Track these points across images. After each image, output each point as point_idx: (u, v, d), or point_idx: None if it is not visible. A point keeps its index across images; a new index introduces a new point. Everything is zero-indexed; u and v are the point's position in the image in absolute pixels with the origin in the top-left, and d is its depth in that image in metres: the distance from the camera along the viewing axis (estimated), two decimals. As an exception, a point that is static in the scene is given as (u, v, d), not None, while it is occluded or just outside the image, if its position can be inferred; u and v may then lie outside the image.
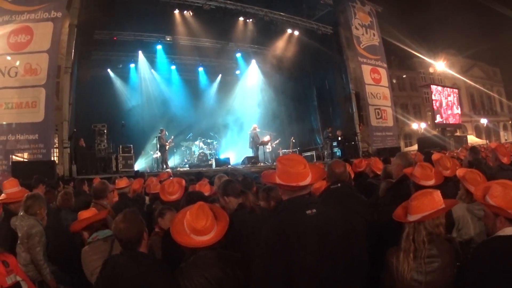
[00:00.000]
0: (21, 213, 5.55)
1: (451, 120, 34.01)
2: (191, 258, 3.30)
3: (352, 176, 7.21)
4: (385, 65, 27.96)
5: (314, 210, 3.03)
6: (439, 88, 35.09)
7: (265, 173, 4.33)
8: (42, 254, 5.37)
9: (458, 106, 35.53)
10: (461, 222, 4.52)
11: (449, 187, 5.20)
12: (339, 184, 4.56)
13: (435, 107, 32.12)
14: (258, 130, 24.49)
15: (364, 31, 26.82)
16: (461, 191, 4.78)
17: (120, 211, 4.04)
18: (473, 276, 3.03)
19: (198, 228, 3.26)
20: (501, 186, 3.25)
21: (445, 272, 3.19)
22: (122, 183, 7.55)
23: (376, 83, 26.49)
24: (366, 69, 26.06)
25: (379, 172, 7.36)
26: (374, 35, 27.57)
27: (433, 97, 32.60)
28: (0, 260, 3.75)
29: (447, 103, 33.46)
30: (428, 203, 3.30)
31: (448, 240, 3.42)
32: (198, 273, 3.20)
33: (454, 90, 36.78)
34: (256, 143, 24.07)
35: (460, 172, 4.99)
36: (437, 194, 3.39)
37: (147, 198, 8.14)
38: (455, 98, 35.10)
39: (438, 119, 31.98)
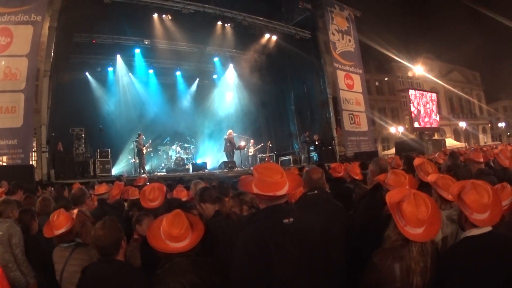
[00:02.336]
0: None
1: (429, 125, 34.18)
2: (167, 264, 3.33)
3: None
4: (360, 71, 28.38)
5: (291, 219, 3.04)
6: (417, 93, 35.24)
7: (242, 180, 4.31)
8: (23, 254, 5.43)
9: (437, 114, 35.72)
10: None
11: (429, 192, 5.21)
12: (316, 191, 4.54)
13: (413, 115, 32.27)
14: (234, 135, 24.46)
15: (340, 37, 27.12)
16: (434, 197, 4.46)
17: (99, 217, 4.07)
18: (453, 280, 3.07)
19: (173, 234, 3.32)
20: (474, 187, 3.20)
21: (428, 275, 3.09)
22: (101, 189, 7.41)
23: (349, 89, 26.91)
24: (340, 74, 26.47)
25: (356, 177, 7.46)
26: (350, 41, 27.91)
27: (411, 104, 32.69)
28: None
29: (425, 111, 33.59)
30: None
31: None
32: (174, 279, 3.22)
33: (433, 94, 36.88)
34: (233, 147, 24.07)
35: (432, 177, 4.94)
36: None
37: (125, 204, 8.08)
38: (434, 105, 35.23)
39: (416, 125, 32.14)
